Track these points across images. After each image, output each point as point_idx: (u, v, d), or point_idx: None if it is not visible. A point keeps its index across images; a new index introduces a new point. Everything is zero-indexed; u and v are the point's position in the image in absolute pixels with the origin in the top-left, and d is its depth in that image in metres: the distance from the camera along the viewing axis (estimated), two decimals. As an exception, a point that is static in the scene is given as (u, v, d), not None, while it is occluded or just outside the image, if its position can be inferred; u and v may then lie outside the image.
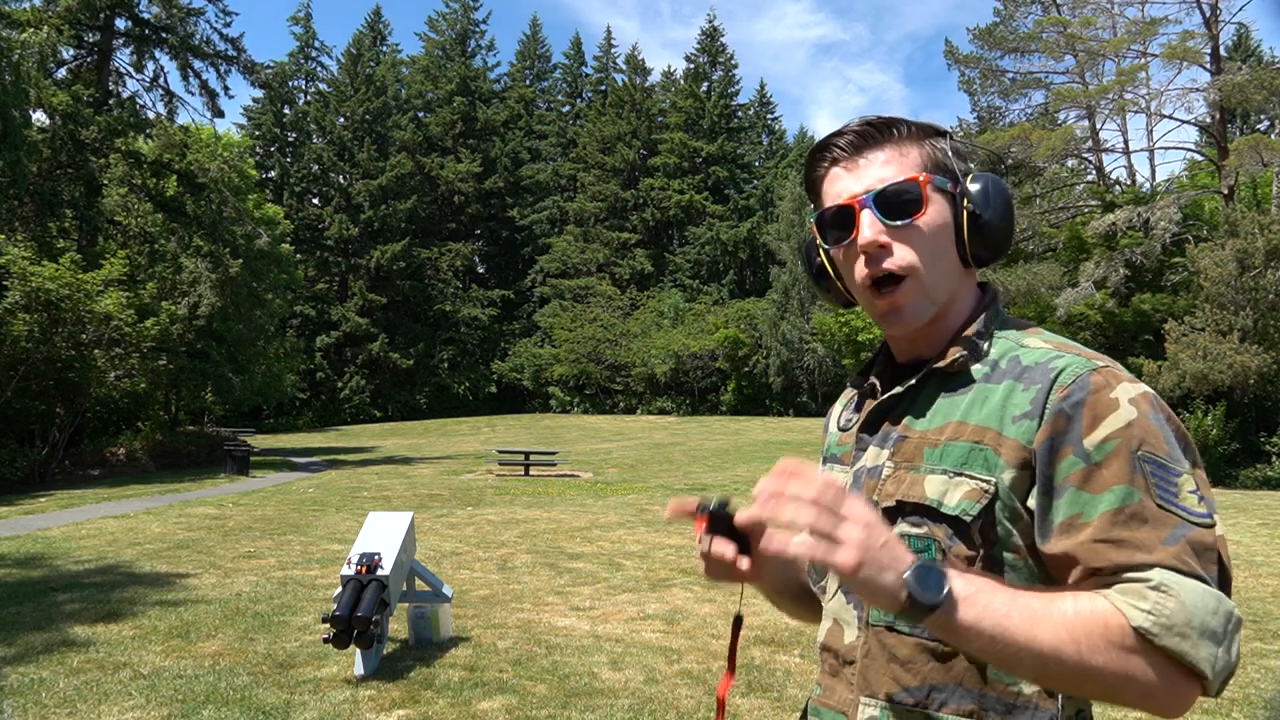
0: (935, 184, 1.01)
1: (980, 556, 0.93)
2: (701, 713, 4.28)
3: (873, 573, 0.81)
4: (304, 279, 36.83)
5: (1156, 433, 0.89)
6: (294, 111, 47.03)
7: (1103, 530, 0.86)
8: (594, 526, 10.58)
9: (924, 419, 1.02)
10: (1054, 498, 0.90)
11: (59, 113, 19.04)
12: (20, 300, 15.78)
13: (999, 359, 1.00)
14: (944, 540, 0.95)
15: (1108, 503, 0.87)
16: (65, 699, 4.36)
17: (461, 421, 40.16)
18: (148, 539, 9.44)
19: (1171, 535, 0.85)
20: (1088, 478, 0.88)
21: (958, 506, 0.94)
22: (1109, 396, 0.90)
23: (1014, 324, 1.05)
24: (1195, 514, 0.86)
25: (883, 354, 1.15)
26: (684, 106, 50.42)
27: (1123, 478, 0.87)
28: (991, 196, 1.01)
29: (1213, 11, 19.42)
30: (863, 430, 1.09)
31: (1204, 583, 0.84)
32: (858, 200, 1.00)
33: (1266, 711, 4.39)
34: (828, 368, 38.49)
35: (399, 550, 5.11)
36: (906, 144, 1.03)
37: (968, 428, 0.97)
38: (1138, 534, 0.85)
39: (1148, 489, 0.86)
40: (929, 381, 1.03)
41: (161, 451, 20.53)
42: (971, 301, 1.06)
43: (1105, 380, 0.91)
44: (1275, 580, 7.53)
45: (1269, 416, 17.20)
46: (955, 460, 0.96)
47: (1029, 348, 0.99)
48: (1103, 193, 22.47)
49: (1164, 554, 0.84)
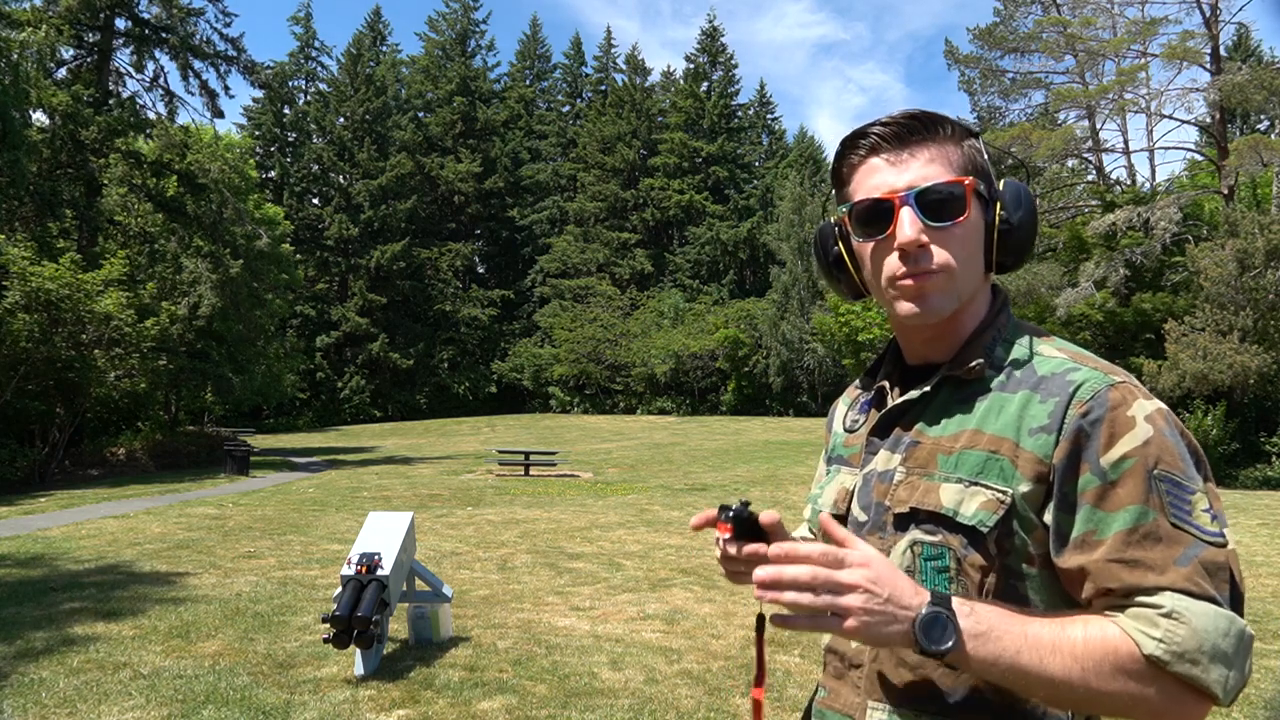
0: (977, 189, 0.99)
1: (995, 566, 0.94)
2: (701, 712, 4.28)
3: (879, 630, 0.84)
4: (304, 279, 36.85)
5: (1172, 450, 0.89)
6: (294, 111, 47.04)
7: (1116, 549, 0.87)
8: (594, 526, 10.58)
9: (938, 425, 1.01)
10: (1070, 513, 0.90)
11: (59, 113, 19.03)
12: (20, 300, 15.78)
13: (1014, 366, 1.00)
14: (959, 549, 0.95)
15: (1122, 521, 0.87)
16: (65, 699, 4.36)
17: (461, 421, 40.17)
18: (148, 539, 9.43)
19: (1184, 555, 0.85)
20: (1103, 495, 0.89)
21: (974, 517, 0.94)
22: (1126, 414, 0.90)
23: (1026, 329, 1.05)
24: (1208, 533, 0.87)
25: (891, 354, 1.13)
26: (684, 106, 50.43)
27: (1137, 497, 0.87)
28: (1023, 203, 1.01)
29: (1213, 11, 19.41)
30: (873, 434, 1.08)
31: (1215, 604, 0.84)
32: (898, 196, 0.98)
33: (1266, 711, 4.39)
34: (828, 368, 38.49)
35: (399, 550, 5.10)
36: (950, 143, 1.01)
37: (984, 436, 0.96)
38: (1151, 553, 0.86)
39: (1162, 508, 0.87)
40: (943, 387, 1.03)
41: (161, 451, 20.53)
42: (985, 304, 1.06)
43: (1123, 397, 0.91)
44: (1275, 580, 7.53)
45: (1269, 416, 17.19)
46: (971, 469, 0.96)
47: (1044, 356, 0.99)
48: (1103, 193, 22.47)
49: (1176, 575, 0.85)
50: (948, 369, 1.02)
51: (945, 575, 0.95)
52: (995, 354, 1.01)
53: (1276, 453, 16.46)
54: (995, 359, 1.01)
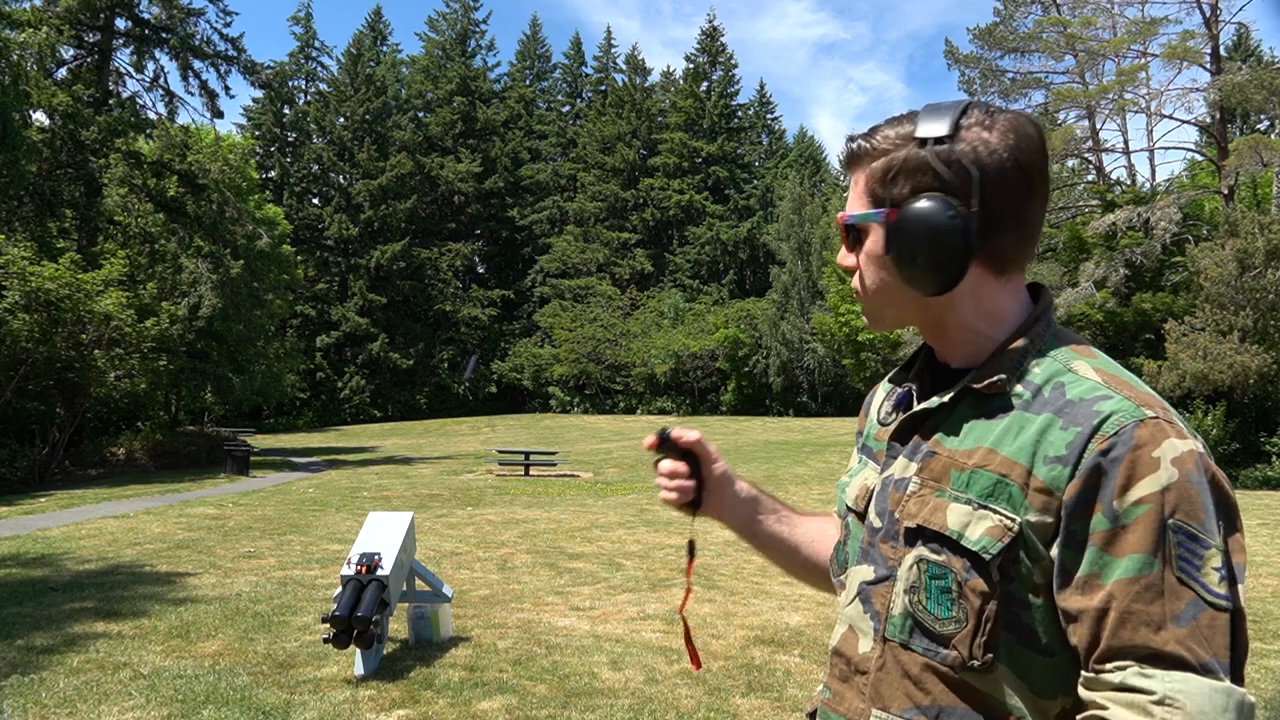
0: (873, 217, 1.00)
1: (997, 594, 0.91)
2: (701, 712, 4.28)
3: None
4: (304, 279, 36.81)
5: (1195, 499, 0.84)
6: (294, 111, 47.03)
7: (1114, 598, 0.84)
8: (594, 526, 10.58)
9: (956, 437, 0.98)
10: (1077, 552, 0.87)
11: (59, 113, 19.03)
12: (20, 300, 15.78)
13: (1043, 383, 0.95)
14: (960, 572, 0.93)
15: (1125, 569, 0.84)
16: (65, 699, 4.36)
17: (461, 421, 40.18)
18: (148, 539, 9.43)
19: (1184, 613, 0.82)
20: (1111, 539, 0.85)
21: (978, 543, 0.92)
22: (1151, 455, 0.85)
23: (1067, 339, 0.99)
24: (1213, 593, 0.83)
25: (925, 351, 1.11)
26: (684, 106, 50.42)
27: (1145, 546, 0.84)
28: (911, 230, 0.96)
29: (1213, 11, 19.41)
30: (894, 439, 1.06)
31: (1210, 673, 0.81)
32: (840, 223, 1.06)
33: (1267, 711, 4.39)
34: (828, 368, 38.50)
35: (399, 550, 5.10)
36: (866, 167, 1.02)
37: (997, 457, 0.93)
38: (1150, 608, 0.83)
39: (1169, 560, 0.83)
40: (965, 397, 1.00)
41: (161, 451, 20.52)
42: (1018, 309, 1.01)
43: (1151, 435, 0.86)
44: (1275, 580, 7.53)
45: (1269, 416, 17.20)
46: (981, 491, 0.93)
47: (1077, 375, 0.94)
48: (1103, 193, 22.45)
49: (1170, 635, 0.82)
50: (969, 380, 0.99)
51: (949, 596, 0.94)
52: (1024, 368, 0.97)
53: (1276, 453, 16.46)
54: (1024, 373, 0.97)
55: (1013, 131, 0.96)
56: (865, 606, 1.03)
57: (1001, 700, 0.92)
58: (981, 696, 0.92)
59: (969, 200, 0.94)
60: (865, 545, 1.06)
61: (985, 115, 0.97)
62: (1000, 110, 0.99)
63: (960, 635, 0.92)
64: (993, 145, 0.95)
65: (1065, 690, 0.90)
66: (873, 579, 1.03)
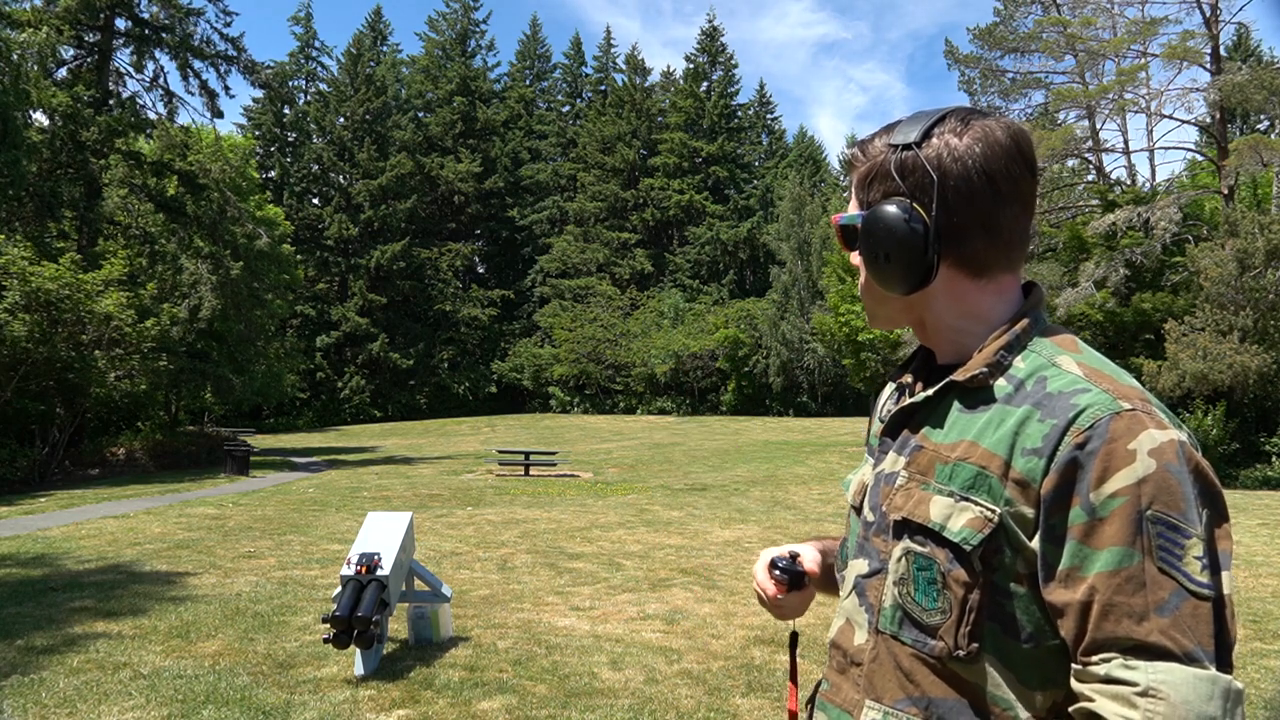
0: (855, 219, 1.06)
1: (980, 583, 0.92)
2: (701, 713, 4.28)
3: None
4: (304, 279, 36.82)
5: (1174, 489, 0.85)
6: (294, 111, 47.02)
7: (1096, 591, 0.85)
8: (594, 526, 10.58)
9: (941, 431, 1.00)
10: (1057, 546, 0.88)
11: (59, 113, 19.02)
12: (20, 300, 15.78)
13: (1026, 377, 0.96)
14: (944, 563, 0.94)
15: (1104, 562, 0.85)
16: (65, 699, 4.36)
17: (461, 421, 40.18)
18: (148, 539, 9.43)
19: (1166, 603, 0.83)
20: (1089, 532, 0.86)
21: (959, 534, 0.93)
22: (1126, 447, 0.85)
23: (1053, 332, 1.01)
24: (1195, 582, 0.83)
25: (924, 350, 1.13)
26: (684, 106, 50.44)
27: (1123, 538, 0.84)
28: (875, 232, 1.00)
29: (1213, 11, 19.41)
30: (885, 434, 1.09)
31: (1195, 662, 0.81)
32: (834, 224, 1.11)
33: (1267, 711, 4.39)
34: (828, 368, 38.50)
35: (399, 550, 5.11)
36: (858, 172, 1.07)
37: (978, 449, 0.95)
38: (1131, 600, 0.83)
39: (1150, 551, 0.84)
40: (950, 392, 1.02)
41: (161, 451, 20.52)
42: (1002, 308, 1.02)
43: (1127, 427, 0.86)
44: (1275, 580, 7.53)
45: (1269, 416, 17.20)
46: (962, 483, 0.95)
47: (1059, 369, 0.95)
48: (1103, 192, 22.44)
49: (1153, 626, 0.82)
50: (954, 375, 1.01)
51: (935, 587, 0.95)
52: (1008, 362, 0.98)
53: (1276, 453, 16.46)
54: (1007, 368, 0.98)
55: (981, 139, 0.98)
56: (860, 600, 1.05)
57: (989, 690, 0.93)
58: (969, 687, 0.93)
59: (929, 205, 0.97)
60: (861, 539, 1.08)
61: (959, 123, 0.99)
62: (980, 117, 1.01)
63: (946, 625, 0.94)
64: (958, 152, 0.97)
65: (1054, 682, 0.91)
66: (867, 572, 1.05)
